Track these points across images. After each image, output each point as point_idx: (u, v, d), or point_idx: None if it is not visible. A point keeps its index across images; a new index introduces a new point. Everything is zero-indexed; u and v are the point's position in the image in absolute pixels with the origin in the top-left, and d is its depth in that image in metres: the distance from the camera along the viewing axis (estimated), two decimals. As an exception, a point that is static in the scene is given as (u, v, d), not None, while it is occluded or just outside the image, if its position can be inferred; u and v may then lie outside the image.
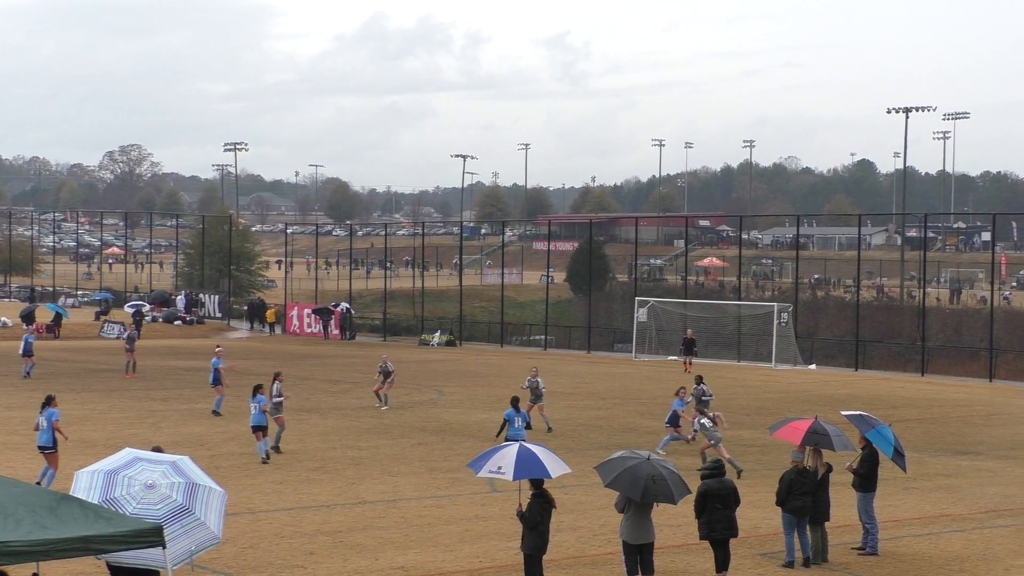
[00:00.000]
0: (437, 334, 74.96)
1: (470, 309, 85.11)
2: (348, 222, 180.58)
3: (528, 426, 32.58)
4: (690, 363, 58.29)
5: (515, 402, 31.72)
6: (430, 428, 37.01)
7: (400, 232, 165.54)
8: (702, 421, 30.02)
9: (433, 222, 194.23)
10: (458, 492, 26.76)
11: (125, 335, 56.01)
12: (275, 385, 32.90)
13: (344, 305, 79.47)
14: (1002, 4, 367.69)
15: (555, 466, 18.78)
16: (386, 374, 41.51)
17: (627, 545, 19.04)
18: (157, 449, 17.81)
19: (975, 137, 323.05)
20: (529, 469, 18.48)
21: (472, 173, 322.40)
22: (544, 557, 18.41)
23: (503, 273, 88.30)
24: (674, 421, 33.05)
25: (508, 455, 18.67)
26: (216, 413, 38.57)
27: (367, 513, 24.66)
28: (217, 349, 44.03)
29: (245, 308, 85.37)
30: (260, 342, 73.37)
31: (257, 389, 31.35)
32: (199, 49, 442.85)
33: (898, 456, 21.90)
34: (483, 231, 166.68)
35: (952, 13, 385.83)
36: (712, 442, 29.65)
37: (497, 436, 32.32)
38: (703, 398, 34.71)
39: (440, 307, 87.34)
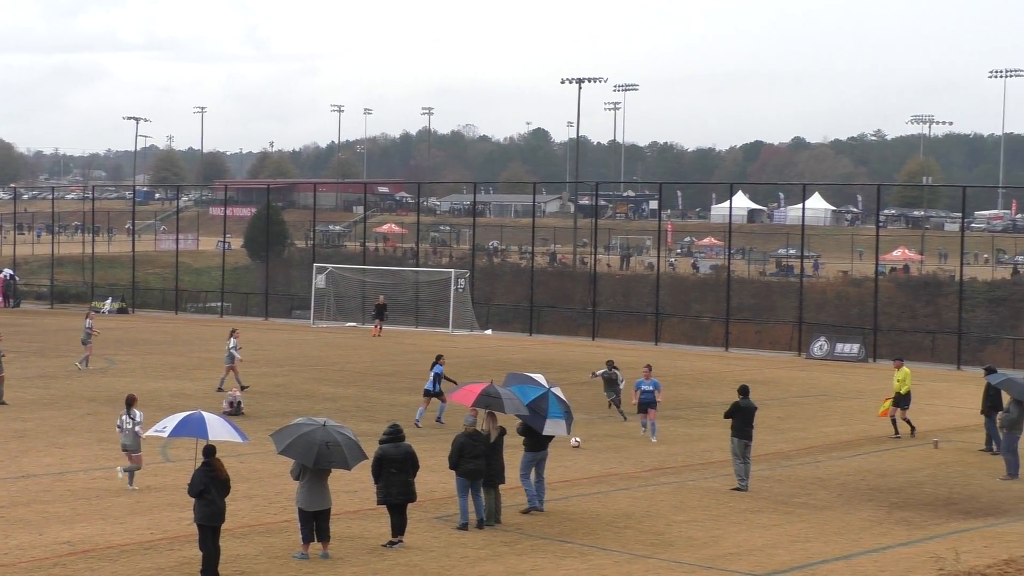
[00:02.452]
0: (108, 301, 72.64)
1: (144, 276, 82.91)
2: (12, 185, 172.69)
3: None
4: (380, 329, 58.81)
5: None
6: (100, 398, 35.87)
7: (69, 196, 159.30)
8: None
9: (104, 186, 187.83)
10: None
11: None
12: None
13: (7, 271, 76.14)
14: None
15: (221, 431, 18.71)
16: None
17: (303, 512, 19.06)
18: None
19: (644, 108, 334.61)
20: (189, 430, 18.56)
21: (146, 136, 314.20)
22: (221, 526, 18.14)
23: (178, 239, 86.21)
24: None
25: (177, 416, 18.78)
26: None
27: (32, 487, 23.74)
28: None
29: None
30: (-84, 311, 69.45)
31: None
32: None
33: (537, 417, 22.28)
34: (157, 196, 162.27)
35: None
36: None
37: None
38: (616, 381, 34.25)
39: (112, 274, 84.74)
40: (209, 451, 18.16)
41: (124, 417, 24.07)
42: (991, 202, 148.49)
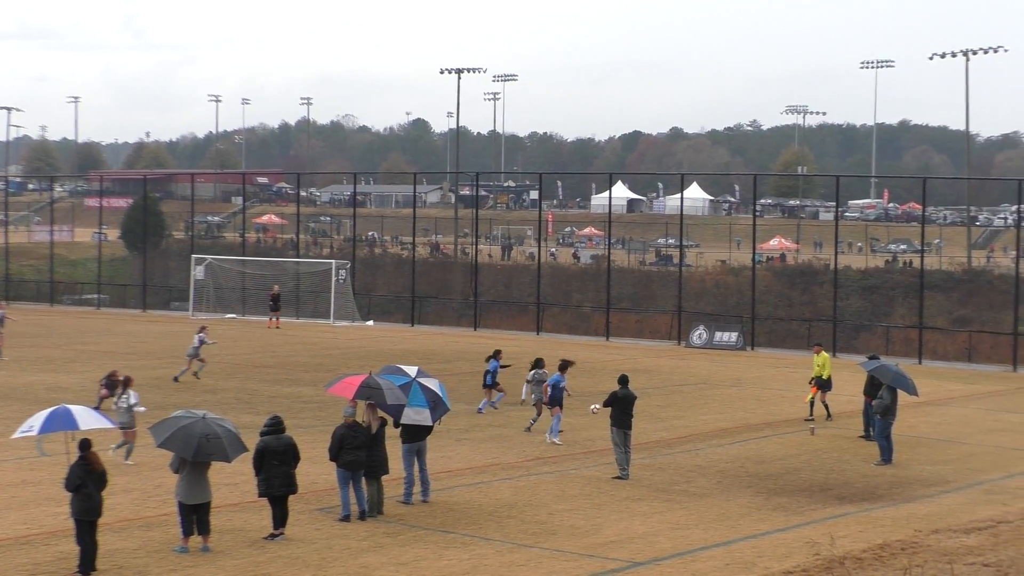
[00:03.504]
0: (-20, 294, 71.06)
1: (17, 268, 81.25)
2: None
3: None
4: (277, 320, 58.41)
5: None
6: (-28, 392, 35.06)
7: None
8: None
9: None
10: (3, 458, 25.52)
11: None
12: None
13: None
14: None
15: (90, 420, 18.49)
16: None
17: (183, 506, 18.91)
18: None
19: (523, 99, 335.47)
20: (58, 424, 18.31)
21: (18, 126, 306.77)
22: (99, 520, 17.85)
23: (52, 230, 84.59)
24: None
25: (43, 413, 18.54)
26: None
27: (-99, 485, 23.14)
28: None
29: None
30: None
31: None
32: None
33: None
34: (31, 187, 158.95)
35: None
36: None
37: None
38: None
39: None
40: (84, 445, 17.87)
41: (121, 397, 25.73)
42: (864, 191, 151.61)
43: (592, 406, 28.09)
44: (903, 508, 23.17)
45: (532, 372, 31.88)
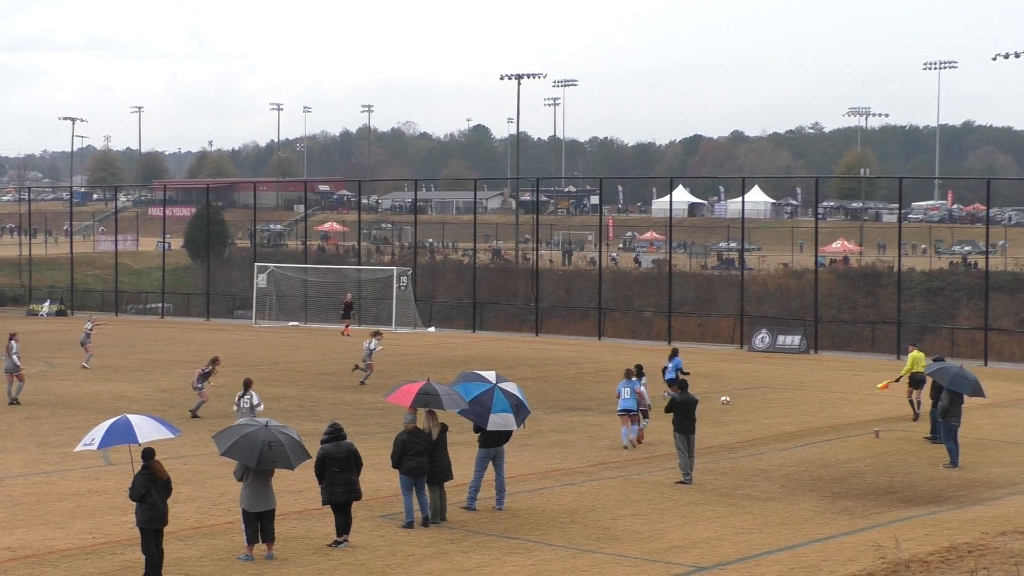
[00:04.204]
0: (47, 304, 71.95)
1: (82, 277, 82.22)
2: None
3: None
4: (348, 327, 58.86)
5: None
6: (39, 402, 35.51)
7: (4, 198, 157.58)
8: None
9: (41, 187, 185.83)
10: (70, 467, 25.79)
11: None
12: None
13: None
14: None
15: (150, 431, 18.42)
16: None
17: (247, 513, 18.99)
18: None
19: (584, 104, 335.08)
20: (118, 437, 18.24)
21: (83, 137, 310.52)
22: (164, 529, 17.97)
23: (117, 240, 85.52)
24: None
25: (103, 426, 18.45)
26: None
27: (-30, 494, 23.45)
28: None
29: None
30: None
31: None
32: None
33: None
34: (95, 196, 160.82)
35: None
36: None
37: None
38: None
39: (50, 275, 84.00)
40: (148, 454, 17.96)
41: (243, 399, 27.19)
42: (927, 193, 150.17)
43: (723, 398, 29.36)
44: (970, 510, 22.93)
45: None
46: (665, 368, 34.89)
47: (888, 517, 22.31)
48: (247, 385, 27.59)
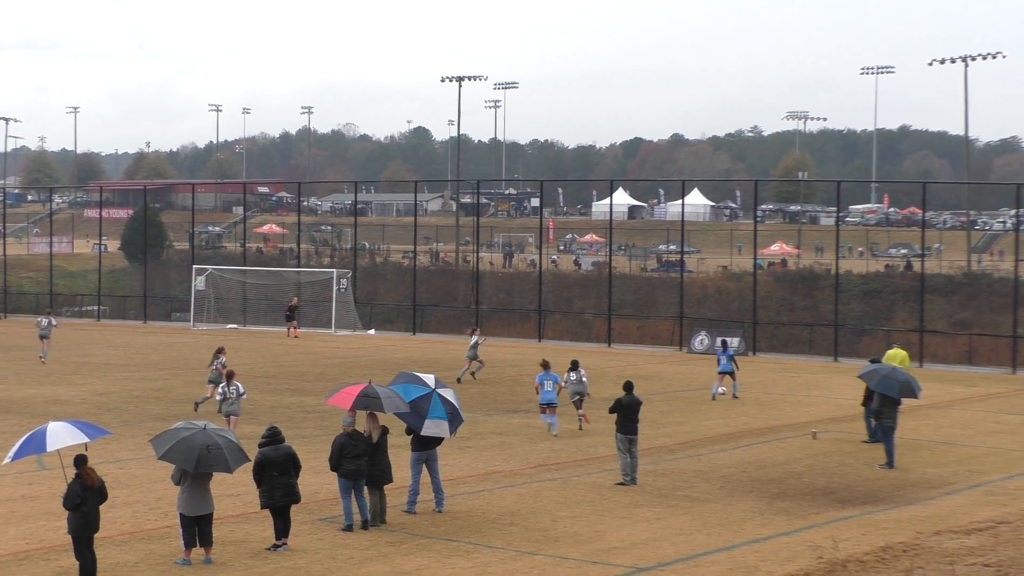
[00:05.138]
0: (-21, 307, 71.13)
1: (16, 280, 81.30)
2: None
3: None
4: (296, 329, 58.73)
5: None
6: (-28, 406, 35.05)
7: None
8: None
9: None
10: (2, 473, 25.44)
11: None
12: None
13: None
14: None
15: (66, 438, 18.16)
16: None
17: (184, 517, 18.87)
18: None
19: (524, 107, 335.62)
20: (30, 448, 18.00)
21: (17, 137, 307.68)
22: (96, 535, 17.85)
23: (52, 242, 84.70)
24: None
25: (23, 438, 18.22)
26: None
27: (-98, 499, 23.12)
28: None
29: None
30: None
31: None
32: None
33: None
34: (30, 198, 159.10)
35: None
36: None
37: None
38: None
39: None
40: (80, 460, 17.75)
41: (224, 388, 29.73)
42: (864, 196, 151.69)
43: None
44: (905, 510, 23.22)
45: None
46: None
47: (825, 517, 22.52)
48: (230, 377, 29.99)
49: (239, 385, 29.98)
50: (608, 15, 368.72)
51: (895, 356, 35.84)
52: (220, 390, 30.20)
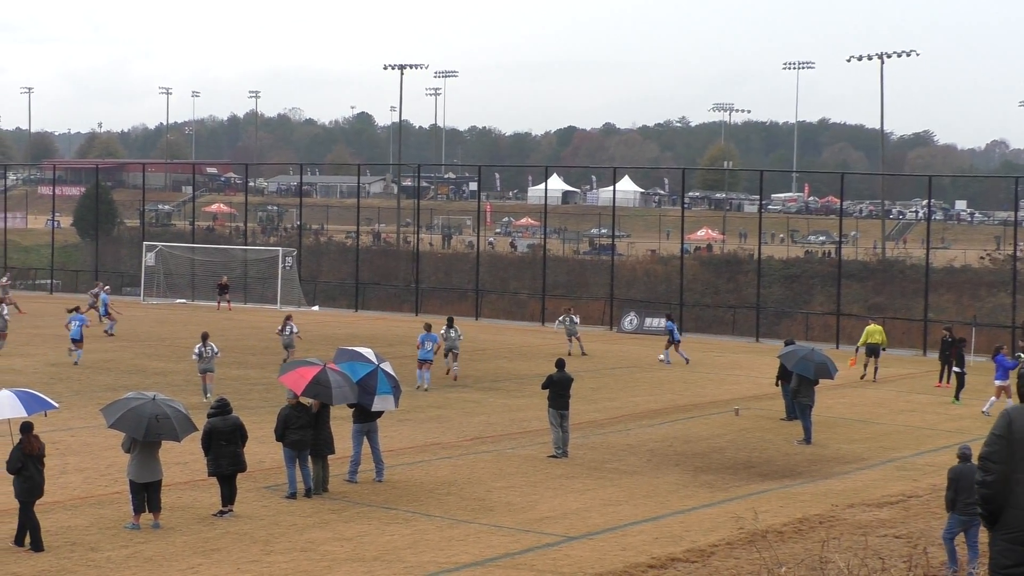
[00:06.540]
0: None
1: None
2: None
3: None
4: (227, 303, 60.23)
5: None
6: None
7: None
8: None
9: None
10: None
11: None
12: None
13: None
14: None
15: (5, 410, 18.69)
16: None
17: (134, 484, 19.26)
18: None
19: (464, 95, 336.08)
20: None
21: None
22: (41, 500, 18.34)
23: (6, 217, 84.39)
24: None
25: None
26: None
27: None
28: None
29: None
30: None
31: None
32: None
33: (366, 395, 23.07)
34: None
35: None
36: None
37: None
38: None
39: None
40: (25, 427, 18.24)
41: (201, 347, 32.20)
42: (786, 185, 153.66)
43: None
44: (821, 484, 24.09)
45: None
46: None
47: (746, 490, 23.36)
48: (204, 337, 32.72)
49: (213, 345, 32.63)
50: (545, 7, 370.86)
51: (873, 331, 40.34)
52: (196, 349, 32.50)
